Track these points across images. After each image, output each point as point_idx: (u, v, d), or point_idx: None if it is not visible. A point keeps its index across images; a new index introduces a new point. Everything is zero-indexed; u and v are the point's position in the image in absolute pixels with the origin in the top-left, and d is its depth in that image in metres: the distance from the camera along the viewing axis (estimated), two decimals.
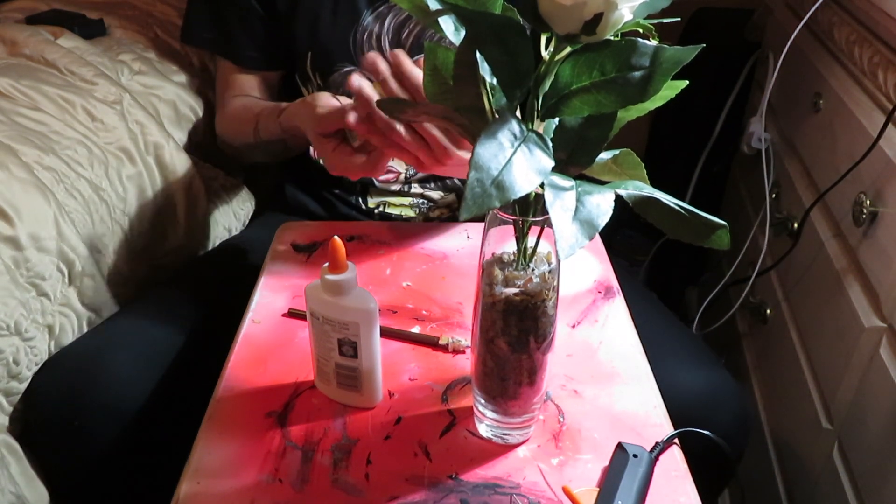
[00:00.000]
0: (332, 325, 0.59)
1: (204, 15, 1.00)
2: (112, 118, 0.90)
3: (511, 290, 0.52)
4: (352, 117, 0.68)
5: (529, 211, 0.51)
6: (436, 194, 0.99)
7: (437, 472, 0.57)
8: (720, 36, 1.51)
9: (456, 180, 0.99)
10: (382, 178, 0.97)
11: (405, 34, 0.93)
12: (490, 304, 0.53)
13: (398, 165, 0.97)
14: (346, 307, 0.58)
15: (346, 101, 0.75)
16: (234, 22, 0.97)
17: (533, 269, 0.53)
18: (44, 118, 0.85)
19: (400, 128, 0.67)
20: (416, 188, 0.98)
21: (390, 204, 0.99)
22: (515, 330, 0.54)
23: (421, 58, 0.54)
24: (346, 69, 0.94)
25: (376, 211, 1.00)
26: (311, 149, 0.98)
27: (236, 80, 1.00)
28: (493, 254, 0.54)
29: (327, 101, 0.75)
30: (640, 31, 0.48)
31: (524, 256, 0.53)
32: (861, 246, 0.85)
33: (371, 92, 0.68)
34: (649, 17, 0.47)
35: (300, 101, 0.81)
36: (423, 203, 0.99)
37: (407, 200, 0.99)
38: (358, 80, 0.68)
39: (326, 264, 0.58)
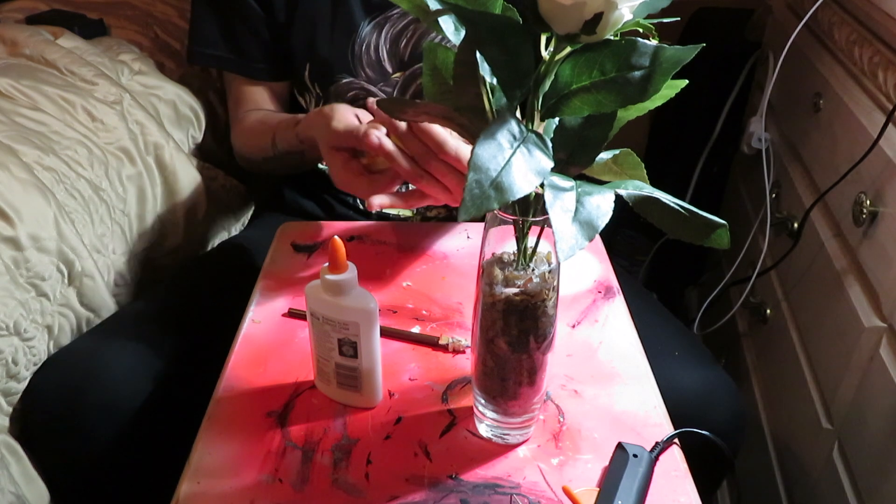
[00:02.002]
0: (332, 325, 0.59)
1: (212, 29, 0.98)
2: (112, 118, 0.90)
3: (511, 290, 0.52)
4: (373, 138, 0.69)
5: (529, 211, 0.51)
6: None
7: (437, 472, 0.57)
8: (720, 36, 1.51)
9: None
10: None
11: (402, 44, 0.93)
12: (490, 304, 0.53)
13: None
14: (346, 307, 0.58)
15: (364, 115, 0.75)
16: (243, 32, 0.96)
17: (533, 269, 0.53)
18: (44, 118, 0.85)
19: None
20: (413, 187, 0.98)
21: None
22: (515, 330, 0.54)
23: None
24: (345, 80, 0.94)
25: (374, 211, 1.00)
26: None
27: (248, 94, 0.99)
28: (493, 254, 0.54)
29: (345, 114, 0.75)
30: (640, 30, 0.48)
31: (524, 256, 0.53)
32: (861, 246, 0.85)
33: (391, 146, 0.70)
34: (649, 16, 0.47)
35: (317, 111, 0.80)
36: None
37: None
38: (377, 136, 0.69)
39: (326, 264, 0.58)
